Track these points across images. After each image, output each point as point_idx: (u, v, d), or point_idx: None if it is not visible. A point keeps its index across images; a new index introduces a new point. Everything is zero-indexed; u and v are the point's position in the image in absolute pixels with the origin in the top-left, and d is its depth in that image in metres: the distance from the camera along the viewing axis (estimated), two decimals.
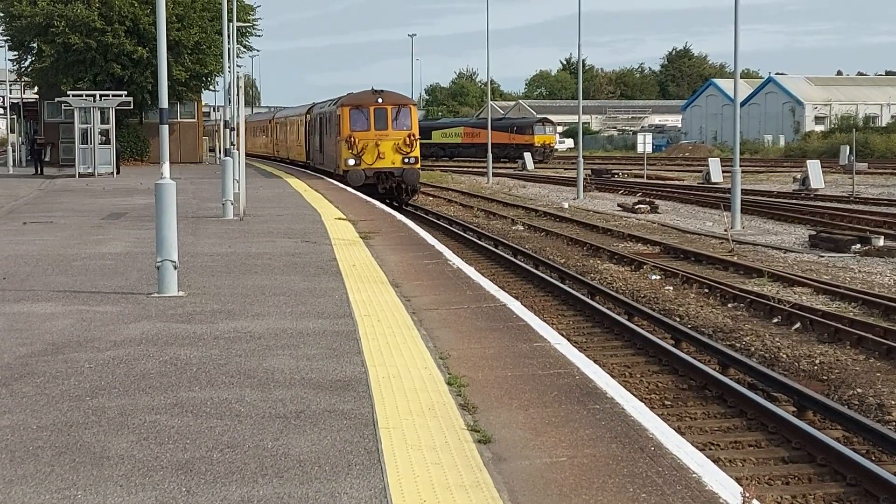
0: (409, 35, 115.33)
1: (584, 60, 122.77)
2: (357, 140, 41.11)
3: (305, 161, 57.50)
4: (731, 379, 13.99)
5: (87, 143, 50.08)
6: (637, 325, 17.62)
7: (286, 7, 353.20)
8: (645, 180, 60.28)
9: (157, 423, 8.20)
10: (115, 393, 9.16)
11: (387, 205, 34.94)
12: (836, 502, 10.00)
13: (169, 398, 8.96)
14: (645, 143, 65.96)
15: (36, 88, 67.20)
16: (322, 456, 7.35)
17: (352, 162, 41.04)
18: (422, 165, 46.39)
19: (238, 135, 29.98)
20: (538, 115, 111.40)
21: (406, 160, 40.99)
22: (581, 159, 49.35)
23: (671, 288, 21.98)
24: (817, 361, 15.34)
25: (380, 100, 41.70)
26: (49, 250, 19.98)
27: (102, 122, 50.12)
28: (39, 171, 52.92)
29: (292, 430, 7.99)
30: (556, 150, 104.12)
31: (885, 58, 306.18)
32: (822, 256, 26.60)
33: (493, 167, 67.68)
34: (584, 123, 74.50)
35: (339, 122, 42.38)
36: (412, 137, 41.25)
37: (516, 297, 16.07)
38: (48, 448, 7.58)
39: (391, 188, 41.05)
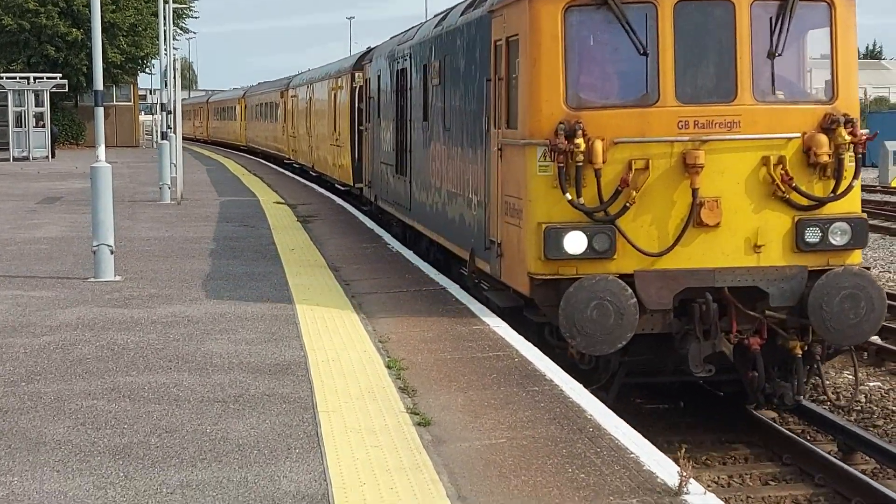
0: (347, 18, 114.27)
1: None
2: (603, 148, 9.93)
3: (352, 184, 26.86)
4: None
5: (21, 127, 49.41)
6: None
7: None
8: None
9: (94, 408, 8.12)
10: (52, 378, 9.06)
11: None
12: (772, 481, 10.14)
13: (106, 383, 8.88)
14: None
15: None
16: (261, 440, 7.32)
17: (578, 244, 10.07)
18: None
19: (174, 118, 29.74)
20: None
21: (813, 235, 10.13)
22: None
23: None
24: None
25: None
26: None
27: (37, 105, 49.48)
28: None
29: (231, 414, 7.95)
30: None
31: None
32: None
33: None
34: None
35: (525, 72, 10.44)
36: (851, 131, 10.01)
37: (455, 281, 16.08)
38: None
39: (742, 354, 10.20)
